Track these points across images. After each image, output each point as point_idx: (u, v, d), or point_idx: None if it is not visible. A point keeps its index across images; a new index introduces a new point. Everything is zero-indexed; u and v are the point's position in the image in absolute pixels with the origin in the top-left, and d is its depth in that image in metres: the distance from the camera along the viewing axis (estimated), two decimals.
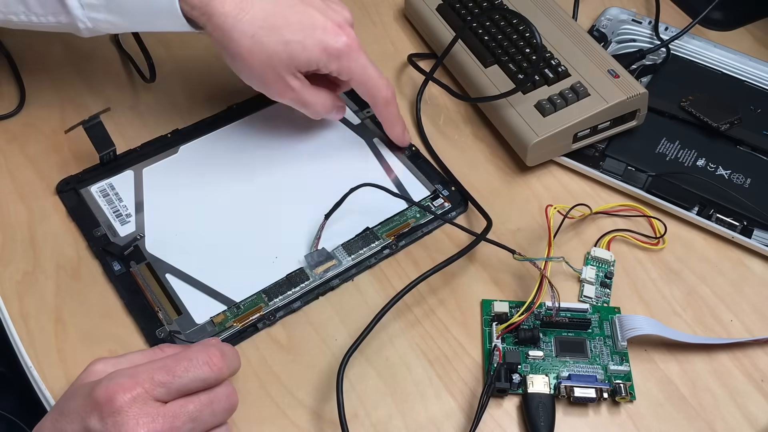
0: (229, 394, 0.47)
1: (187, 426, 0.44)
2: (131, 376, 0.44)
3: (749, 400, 0.55)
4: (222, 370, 0.46)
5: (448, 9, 0.75)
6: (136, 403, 0.43)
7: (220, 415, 0.47)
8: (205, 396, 0.46)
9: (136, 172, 0.65)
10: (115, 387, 0.43)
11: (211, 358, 0.46)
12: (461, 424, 0.53)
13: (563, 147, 0.66)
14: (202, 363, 0.46)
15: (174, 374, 0.45)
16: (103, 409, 0.43)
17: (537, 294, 0.56)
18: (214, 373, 0.46)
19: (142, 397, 0.43)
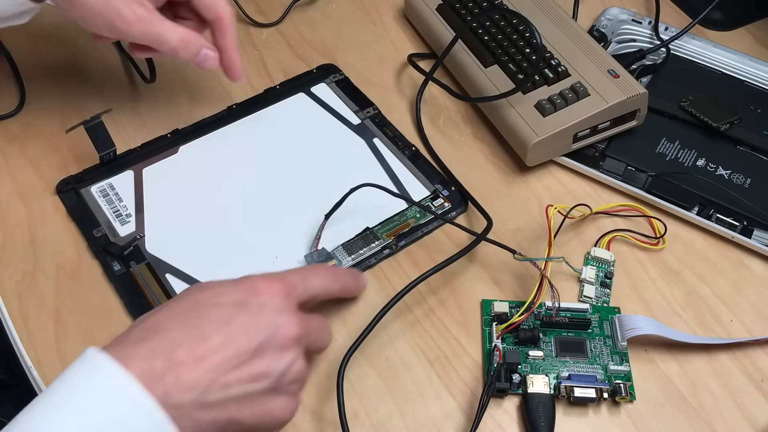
0: (330, 329, 0.51)
1: (314, 336, 0.48)
2: (275, 274, 0.48)
3: (749, 400, 0.55)
4: (338, 282, 0.52)
5: (448, 9, 0.75)
6: (287, 296, 0.46)
7: (325, 341, 0.51)
8: (322, 319, 0.50)
9: (136, 172, 0.65)
10: (269, 278, 0.47)
11: (329, 270, 0.53)
12: (461, 424, 0.53)
13: (563, 147, 0.66)
14: (327, 274, 0.52)
15: (307, 279, 0.49)
16: (262, 292, 0.45)
17: (537, 294, 0.56)
18: (335, 283, 0.52)
19: (289, 292, 0.47)
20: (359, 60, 0.75)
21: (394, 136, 0.69)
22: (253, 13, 0.79)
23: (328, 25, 0.79)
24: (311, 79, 0.73)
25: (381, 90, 0.73)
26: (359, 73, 0.74)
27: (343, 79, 0.73)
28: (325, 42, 0.77)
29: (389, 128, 0.69)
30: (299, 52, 0.76)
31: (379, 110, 0.71)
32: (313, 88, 0.72)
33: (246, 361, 0.43)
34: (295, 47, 0.76)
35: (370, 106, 0.71)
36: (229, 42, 0.61)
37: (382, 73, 0.75)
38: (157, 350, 0.41)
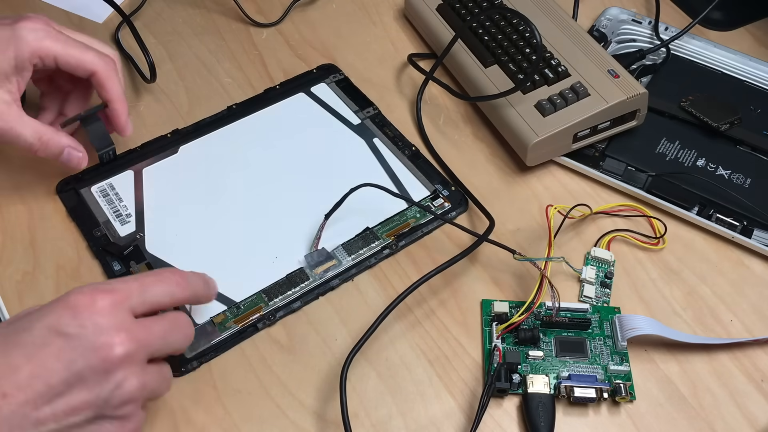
0: (189, 323, 0.47)
1: (158, 344, 0.44)
2: (107, 283, 0.44)
3: (749, 400, 0.55)
4: (186, 289, 0.47)
5: (448, 9, 0.75)
6: (114, 308, 0.42)
7: (180, 342, 0.47)
8: (172, 318, 0.46)
9: (136, 172, 0.65)
10: (93, 291, 0.42)
11: (175, 276, 0.47)
12: (461, 424, 0.53)
13: (563, 147, 0.66)
14: (171, 280, 0.46)
15: (146, 286, 0.45)
16: (79, 311, 0.41)
17: (537, 294, 0.56)
18: (180, 290, 0.46)
19: (119, 303, 0.42)
20: (359, 60, 0.75)
21: (394, 136, 0.69)
22: (253, 13, 0.79)
23: (328, 25, 0.79)
24: (311, 79, 0.73)
25: (381, 90, 0.73)
26: (359, 73, 0.74)
27: (343, 79, 0.73)
28: (325, 42, 0.77)
29: (389, 128, 0.69)
30: (299, 52, 0.76)
31: (379, 110, 0.71)
32: (313, 88, 0.72)
33: (61, 392, 0.39)
34: (295, 47, 0.76)
35: (370, 106, 0.71)
36: (111, 94, 0.59)
37: (382, 73, 0.75)
38: None
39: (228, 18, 0.79)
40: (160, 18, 0.78)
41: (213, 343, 0.55)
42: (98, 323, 0.41)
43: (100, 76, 0.58)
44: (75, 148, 0.60)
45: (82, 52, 0.58)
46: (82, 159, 0.60)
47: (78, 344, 0.40)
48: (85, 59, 0.57)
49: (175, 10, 0.79)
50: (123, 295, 0.43)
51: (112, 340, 0.41)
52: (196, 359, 0.54)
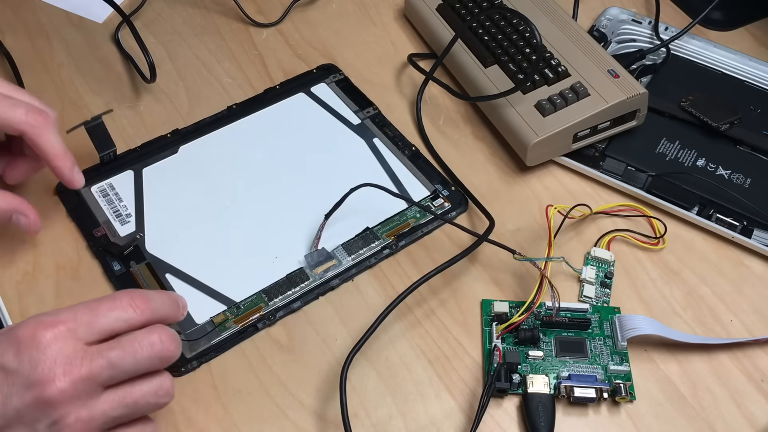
0: (154, 342, 0.43)
1: (106, 372, 0.42)
2: (54, 314, 0.42)
3: (749, 400, 0.55)
4: (146, 311, 0.44)
5: (448, 9, 0.75)
6: (56, 341, 0.40)
7: (143, 363, 0.43)
8: (128, 342, 0.43)
9: (136, 172, 0.65)
10: (37, 324, 0.41)
11: (134, 300, 0.44)
12: (461, 424, 0.53)
13: (563, 147, 0.66)
14: (126, 304, 0.44)
15: (97, 313, 0.42)
16: (21, 345, 0.40)
17: (537, 294, 0.56)
18: (137, 313, 0.44)
19: (64, 335, 0.41)
20: (359, 60, 0.75)
21: (394, 136, 0.69)
22: (253, 13, 0.79)
23: (328, 25, 0.79)
24: (311, 79, 0.73)
25: (381, 90, 0.73)
26: (359, 73, 0.74)
27: (343, 79, 0.73)
28: (325, 42, 0.77)
29: (389, 128, 0.69)
30: (299, 52, 0.76)
31: (379, 110, 0.71)
32: (313, 88, 0.72)
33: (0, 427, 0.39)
34: (295, 47, 0.76)
35: (370, 106, 0.71)
36: (47, 152, 0.54)
37: (382, 73, 0.75)
38: None
39: (228, 18, 0.79)
40: (160, 18, 0.78)
41: (213, 343, 0.55)
42: (35, 359, 0.40)
43: (30, 136, 0.53)
44: (22, 212, 0.55)
45: (8, 109, 0.52)
46: (32, 223, 0.56)
47: (15, 380, 0.39)
48: (12, 118, 0.52)
49: (175, 10, 0.79)
50: (68, 326, 0.41)
51: (47, 376, 0.40)
52: (196, 359, 0.54)
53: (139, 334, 0.44)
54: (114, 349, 0.42)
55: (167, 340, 0.44)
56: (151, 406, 0.44)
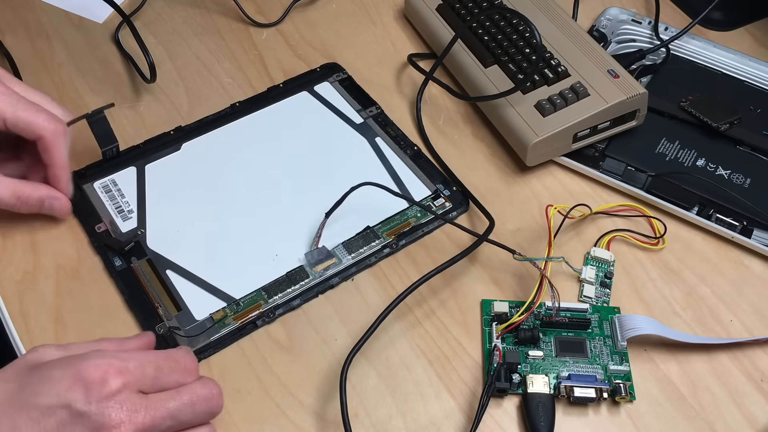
0: (210, 397, 0.46)
1: (167, 422, 0.44)
2: (122, 359, 0.43)
3: (749, 400, 0.55)
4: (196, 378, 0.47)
5: (448, 9, 0.75)
6: (125, 389, 0.42)
7: (198, 416, 0.46)
8: (187, 395, 0.45)
9: (138, 168, 0.65)
10: (107, 368, 0.42)
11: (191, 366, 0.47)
12: (461, 424, 0.53)
13: (563, 147, 0.66)
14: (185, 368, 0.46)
15: (161, 371, 0.45)
16: (92, 389, 0.41)
17: (537, 294, 0.56)
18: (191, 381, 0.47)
19: (131, 384, 0.43)
20: (359, 60, 0.75)
21: (396, 135, 0.69)
22: (253, 13, 0.79)
23: (328, 25, 0.79)
24: (314, 78, 0.73)
25: (381, 90, 0.73)
26: (359, 73, 0.74)
27: (347, 78, 0.73)
28: (325, 42, 0.77)
29: (391, 127, 0.69)
30: (299, 52, 0.76)
31: (381, 109, 0.71)
32: (316, 86, 0.72)
33: None
34: (295, 47, 0.76)
35: (373, 105, 0.71)
36: (54, 160, 0.58)
37: (382, 73, 0.75)
38: None
39: (228, 18, 0.79)
40: (160, 18, 0.78)
41: (212, 340, 0.55)
42: (104, 404, 0.41)
43: (45, 141, 0.57)
44: (54, 197, 0.59)
45: (31, 114, 0.56)
46: (64, 205, 0.60)
47: (81, 421, 0.41)
48: (35, 123, 0.56)
49: (175, 10, 0.79)
50: (135, 376, 0.43)
51: (114, 422, 0.41)
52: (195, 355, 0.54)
53: (198, 387, 0.46)
54: (174, 401, 0.45)
55: (218, 395, 0.47)
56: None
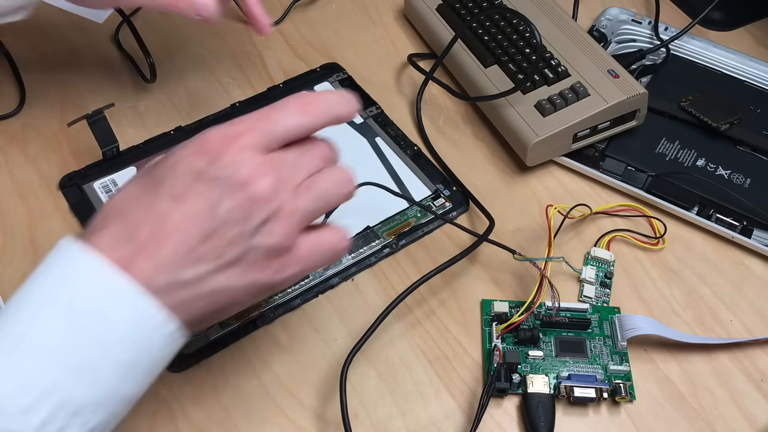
0: (328, 144, 0.45)
1: (298, 172, 0.43)
2: (230, 126, 0.42)
3: (749, 400, 0.55)
4: (318, 115, 0.44)
5: (448, 9, 0.75)
6: (247, 148, 0.41)
7: (320, 161, 0.44)
8: (300, 146, 0.44)
9: (138, 168, 0.65)
10: (222, 136, 0.41)
11: (299, 102, 0.44)
12: (461, 424, 0.53)
13: (563, 147, 0.66)
14: (293, 107, 0.43)
15: (272, 121, 0.43)
16: (214, 155, 0.41)
17: (537, 294, 0.56)
18: (311, 118, 0.43)
19: (251, 144, 0.41)
20: (359, 60, 0.75)
21: (396, 135, 0.69)
22: None
23: (328, 25, 0.79)
24: (314, 78, 0.73)
25: (381, 90, 0.73)
26: (359, 73, 0.74)
27: (347, 78, 0.73)
28: (325, 42, 0.77)
29: (392, 127, 0.69)
30: (299, 52, 0.76)
31: (381, 109, 0.71)
32: (316, 87, 0.72)
33: (212, 231, 0.40)
34: (295, 47, 0.76)
35: (373, 106, 0.71)
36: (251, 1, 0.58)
37: (382, 73, 0.75)
38: (120, 237, 0.40)
39: (228, 18, 0.79)
40: (160, 18, 0.78)
41: (212, 340, 0.55)
42: (234, 165, 0.40)
43: None
44: None
45: None
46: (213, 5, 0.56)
47: (219, 185, 0.40)
48: None
49: None
50: (251, 135, 0.42)
51: (250, 177, 0.41)
52: (195, 357, 0.54)
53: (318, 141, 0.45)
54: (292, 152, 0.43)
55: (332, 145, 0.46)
56: (339, 196, 0.45)
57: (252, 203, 0.41)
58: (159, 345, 0.40)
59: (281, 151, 0.43)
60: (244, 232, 0.40)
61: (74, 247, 0.39)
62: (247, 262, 0.41)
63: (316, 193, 0.43)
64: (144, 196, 0.41)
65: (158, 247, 0.39)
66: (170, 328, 0.40)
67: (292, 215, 0.42)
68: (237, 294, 0.42)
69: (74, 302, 0.38)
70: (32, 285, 0.40)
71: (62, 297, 0.39)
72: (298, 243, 0.43)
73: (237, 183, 0.40)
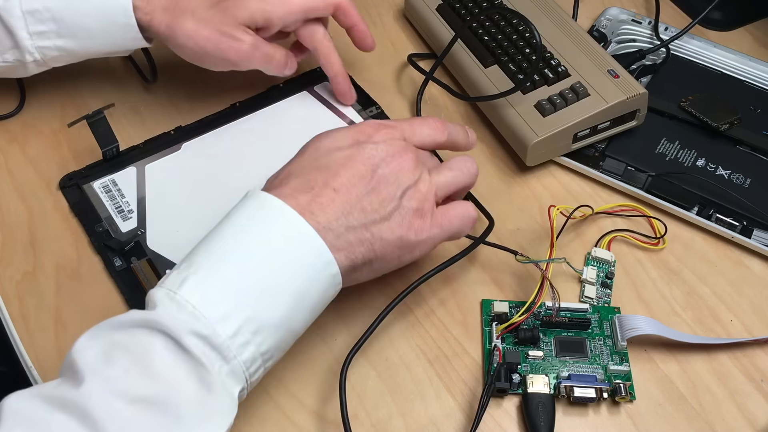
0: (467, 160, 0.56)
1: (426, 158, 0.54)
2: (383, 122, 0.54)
3: (749, 400, 0.55)
4: (444, 133, 0.56)
5: (448, 9, 0.75)
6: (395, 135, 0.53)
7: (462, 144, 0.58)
8: None
9: (138, 168, 0.65)
10: (377, 125, 0.53)
11: (435, 123, 0.56)
12: (461, 424, 0.53)
13: (563, 147, 0.66)
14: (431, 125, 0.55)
15: (414, 128, 0.54)
16: (372, 135, 0.52)
17: (538, 295, 0.56)
18: (439, 133, 0.55)
19: (397, 134, 0.53)
20: (359, 60, 0.75)
21: None
22: None
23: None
24: (314, 78, 0.73)
25: (381, 90, 0.73)
26: (359, 72, 0.74)
27: None
28: None
29: None
30: None
31: (381, 109, 0.71)
32: (316, 86, 0.72)
33: (372, 189, 0.50)
34: None
35: (373, 106, 0.71)
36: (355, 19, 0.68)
37: (382, 73, 0.75)
38: (299, 188, 0.49)
39: None
40: None
41: None
42: (390, 141, 0.52)
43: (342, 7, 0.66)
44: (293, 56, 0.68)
45: None
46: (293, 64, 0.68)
47: (377, 154, 0.51)
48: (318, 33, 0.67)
49: None
50: (399, 130, 0.53)
51: (400, 152, 0.51)
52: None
53: None
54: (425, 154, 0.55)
55: None
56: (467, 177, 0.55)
57: (400, 171, 0.51)
58: (324, 284, 0.48)
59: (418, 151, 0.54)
60: (395, 193, 0.50)
61: (263, 193, 0.49)
62: (397, 219, 0.50)
63: (447, 173, 0.54)
64: (315, 162, 0.51)
65: (333, 196, 0.49)
66: (334, 270, 0.48)
67: (430, 184, 0.52)
68: (388, 247, 0.50)
69: (263, 235, 0.47)
70: (231, 217, 0.49)
71: (254, 230, 0.47)
72: (436, 212, 0.52)
73: (390, 154, 0.51)
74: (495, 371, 0.53)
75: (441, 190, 0.53)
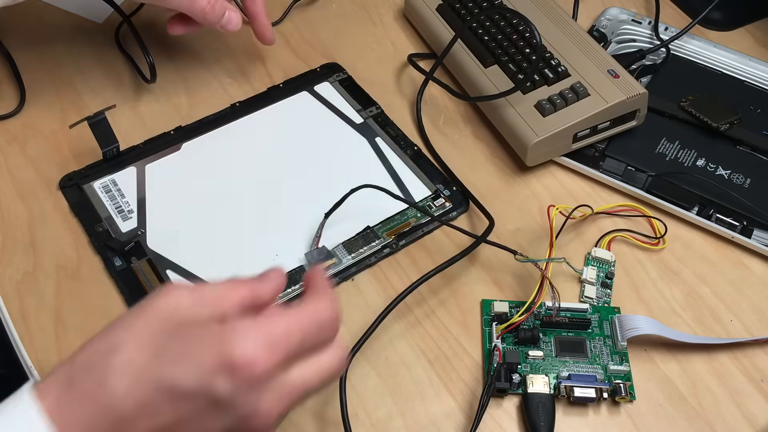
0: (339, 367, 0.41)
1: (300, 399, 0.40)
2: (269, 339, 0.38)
3: (749, 400, 0.55)
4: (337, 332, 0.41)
5: (448, 9, 0.75)
6: (273, 377, 0.38)
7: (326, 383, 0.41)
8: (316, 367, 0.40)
9: (138, 168, 0.65)
10: (256, 350, 0.37)
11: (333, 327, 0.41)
12: (461, 424, 0.53)
13: (563, 147, 0.66)
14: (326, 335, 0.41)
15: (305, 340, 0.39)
16: (237, 373, 0.37)
17: (538, 295, 0.56)
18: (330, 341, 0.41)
19: (276, 368, 0.38)
20: (359, 60, 0.75)
21: (397, 135, 0.69)
22: None
23: (328, 25, 0.79)
24: (314, 78, 0.73)
25: (381, 90, 0.73)
26: (359, 73, 0.74)
27: (347, 78, 0.73)
28: (325, 42, 0.77)
29: (392, 127, 0.69)
30: (299, 52, 0.76)
31: (381, 109, 0.71)
32: (316, 86, 0.72)
33: None
34: (295, 47, 0.76)
35: (373, 105, 0.71)
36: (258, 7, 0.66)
37: (382, 73, 0.75)
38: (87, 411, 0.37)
39: None
40: (160, 18, 0.78)
41: None
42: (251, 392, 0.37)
43: None
44: (233, 9, 0.65)
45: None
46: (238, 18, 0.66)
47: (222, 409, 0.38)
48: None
49: None
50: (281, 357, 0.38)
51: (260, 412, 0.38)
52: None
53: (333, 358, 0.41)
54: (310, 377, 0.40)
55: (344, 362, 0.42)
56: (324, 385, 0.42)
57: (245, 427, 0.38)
58: None
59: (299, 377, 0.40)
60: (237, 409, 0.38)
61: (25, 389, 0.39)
62: None
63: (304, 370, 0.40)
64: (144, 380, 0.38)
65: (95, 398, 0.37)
66: None
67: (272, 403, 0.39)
68: None
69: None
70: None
71: None
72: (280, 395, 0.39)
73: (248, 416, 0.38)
74: (495, 371, 0.53)
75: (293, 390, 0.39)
